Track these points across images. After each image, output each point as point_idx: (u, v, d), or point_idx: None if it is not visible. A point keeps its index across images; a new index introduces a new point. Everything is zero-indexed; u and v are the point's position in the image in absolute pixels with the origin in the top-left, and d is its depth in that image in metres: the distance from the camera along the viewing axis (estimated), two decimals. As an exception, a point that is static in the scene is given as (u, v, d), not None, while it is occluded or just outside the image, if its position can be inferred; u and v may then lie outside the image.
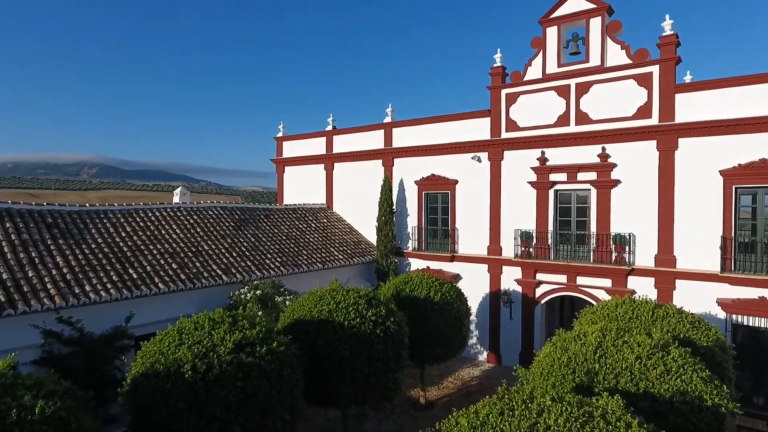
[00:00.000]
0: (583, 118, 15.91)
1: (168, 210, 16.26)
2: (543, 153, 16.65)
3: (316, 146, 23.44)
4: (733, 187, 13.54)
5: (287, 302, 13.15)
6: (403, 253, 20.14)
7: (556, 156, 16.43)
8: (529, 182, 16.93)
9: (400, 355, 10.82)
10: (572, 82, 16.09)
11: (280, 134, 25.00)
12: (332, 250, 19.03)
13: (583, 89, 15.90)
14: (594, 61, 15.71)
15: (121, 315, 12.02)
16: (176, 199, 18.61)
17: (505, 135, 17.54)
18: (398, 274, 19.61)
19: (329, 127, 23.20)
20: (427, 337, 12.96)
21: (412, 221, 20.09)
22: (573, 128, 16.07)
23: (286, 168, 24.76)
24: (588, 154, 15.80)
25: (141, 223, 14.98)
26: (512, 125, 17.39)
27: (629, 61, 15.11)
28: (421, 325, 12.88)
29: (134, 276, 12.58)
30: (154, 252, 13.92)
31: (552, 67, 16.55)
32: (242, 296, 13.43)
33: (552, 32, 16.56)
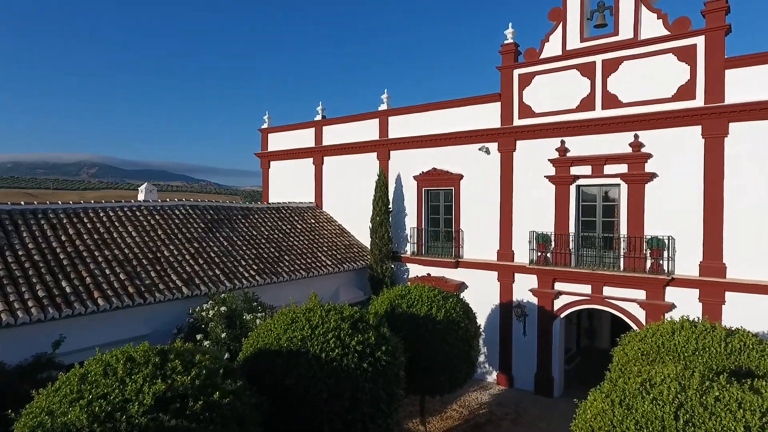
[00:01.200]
0: (611, 100, 13.52)
1: (125, 209, 13.88)
2: (563, 142, 14.27)
3: (304, 138, 21.06)
4: (799, 180, 11.18)
5: (258, 321, 10.78)
6: (400, 257, 17.77)
7: (579, 146, 14.05)
8: (547, 177, 14.54)
9: (394, 393, 8.45)
10: (598, 58, 13.71)
11: (265, 125, 22.61)
12: (319, 254, 16.65)
13: (611, 67, 13.52)
14: (625, 33, 13.32)
15: (49, 339, 9.65)
16: (141, 197, 16.25)
17: (517, 122, 15.15)
18: (395, 281, 17.29)
19: (318, 117, 20.80)
20: (429, 363, 10.59)
21: (410, 222, 17.71)
22: (599, 113, 13.69)
23: (272, 163, 22.38)
24: (617, 143, 13.42)
25: (89, 225, 12.61)
26: (526, 111, 15.01)
27: (667, 33, 12.73)
28: (421, 349, 10.51)
29: (67, 290, 10.21)
30: (99, 259, 11.55)
31: (574, 42, 14.17)
32: (204, 314, 11.07)
33: (574, 1, 14.17)
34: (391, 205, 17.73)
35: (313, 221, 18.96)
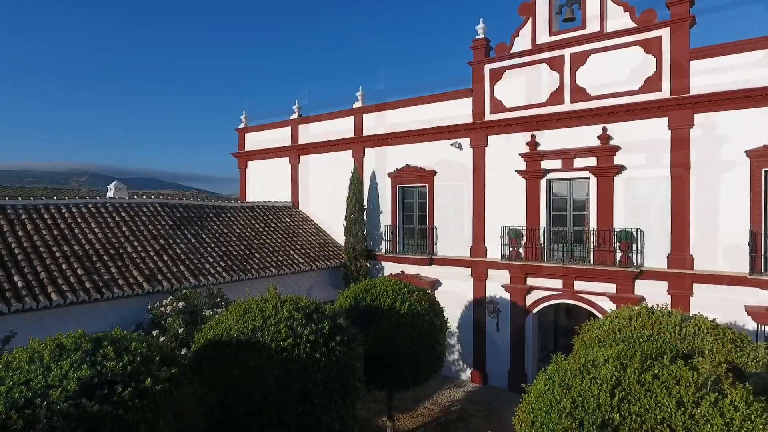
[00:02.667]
0: (579, 93, 13.51)
1: (89, 206, 13.60)
2: (533, 137, 14.22)
3: (280, 137, 20.89)
4: (763, 170, 11.17)
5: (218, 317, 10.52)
6: (375, 255, 17.59)
7: (549, 140, 14.01)
8: (518, 171, 14.48)
9: (350, 386, 8.25)
10: (566, 52, 13.70)
11: (242, 125, 22.42)
12: (292, 253, 16.44)
13: (579, 60, 13.52)
14: (592, 26, 13.34)
15: (-1, 335, 9.37)
16: (110, 194, 15.97)
17: (489, 117, 15.10)
18: (369, 278, 17.08)
19: (295, 116, 20.65)
20: (393, 357, 10.40)
21: (385, 220, 17.56)
22: (568, 106, 13.67)
23: (249, 163, 22.18)
24: (586, 136, 13.39)
25: (49, 221, 12.32)
26: (497, 105, 14.96)
27: (634, 25, 12.76)
28: (385, 343, 10.32)
29: (19, 285, 9.92)
30: (57, 255, 11.26)
31: (543, 37, 14.17)
32: (163, 309, 10.81)
33: (542, -4, 14.19)
34: (366, 203, 17.58)
35: (288, 220, 18.75)
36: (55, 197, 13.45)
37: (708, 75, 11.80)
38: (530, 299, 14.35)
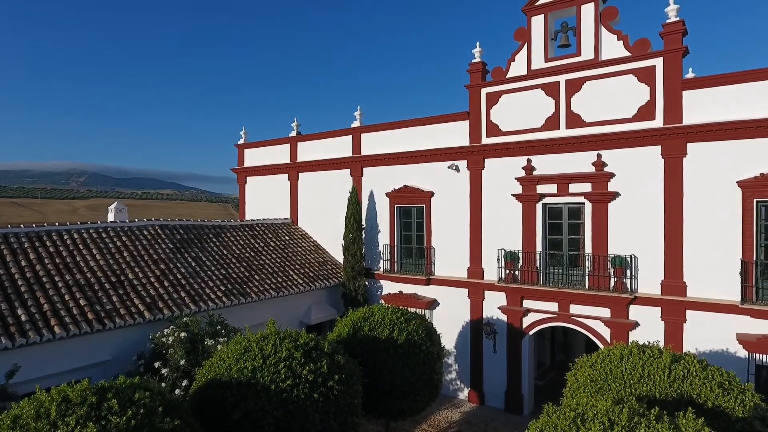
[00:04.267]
0: (574, 120, 13.70)
1: (90, 231, 13.78)
2: (529, 161, 14.40)
3: (279, 154, 21.06)
4: (754, 201, 11.36)
5: (219, 347, 10.71)
6: (373, 274, 17.77)
7: (545, 164, 14.19)
8: (514, 195, 14.66)
9: (347, 423, 8.45)
10: (562, 78, 13.89)
11: (241, 141, 22.59)
12: (291, 273, 16.61)
13: (574, 87, 13.70)
14: (587, 54, 13.52)
15: (3, 369, 9.52)
16: (110, 217, 16.13)
17: (485, 140, 15.28)
18: (368, 298, 17.32)
19: (293, 133, 20.84)
20: (390, 388, 10.58)
21: (383, 239, 17.74)
22: (563, 132, 13.85)
23: (248, 178, 22.35)
24: (581, 162, 13.58)
25: (51, 249, 12.49)
26: (494, 129, 15.14)
27: (628, 54, 12.94)
28: (383, 373, 10.51)
29: (23, 318, 10.09)
30: (60, 285, 11.43)
31: (538, 62, 14.35)
32: (164, 339, 10.98)
33: (538, 22, 14.37)
34: (364, 222, 17.76)
35: (287, 238, 18.93)
36: (57, 223, 13.60)
37: (701, 105, 11.99)
38: (527, 321, 14.53)
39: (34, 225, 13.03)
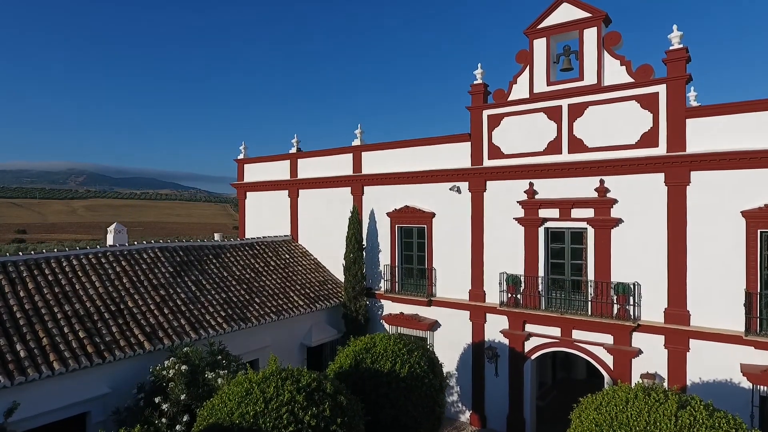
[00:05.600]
0: (577, 145, 13.62)
1: (89, 256, 13.67)
2: (531, 185, 14.32)
3: (279, 170, 20.97)
4: (759, 231, 11.29)
5: (219, 380, 10.62)
6: (374, 294, 17.69)
7: (547, 188, 14.11)
8: (516, 218, 14.58)
9: (350, 465, 8.37)
10: (564, 102, 13.81)
11: (241, 156, 22.49)
12: (292, 294, 16.52)
13: (576, 111, 13.62)
14: (589, 78, 13.44)
15: (1, 407, 9.43)
16: (110, 240, 16.02)
17: (487, 163, 15.20)
18: (369, 318, 17.25)
19: (293, 150, 20.75)
20: (393, 422, 10.50)
21: (384, 258, 17.65)
22: (566, 157, 13.77)
23: (248, 194, 22.25)
24: (583, 187, 13.51)
25: (50, 277, 12.39)
26: (495, 152, 15.06)
27: (630, 80, 12.86)
28: (386, 408, 10.43)
29: (21, 354, 9.99)
30: (59, 316, 11.33)
31: (540, 86, 14.26)
32: (165, 372, 10.88)
33: (540, 45, 14.29)
34: (365, 241, 17.69)
35: (287, 256, 18.83)
36: (56, 249, 13.49)
37: (705, 134, 11.92)
38: (529, 345, 14.46)
39: (32, 252, 12.92)
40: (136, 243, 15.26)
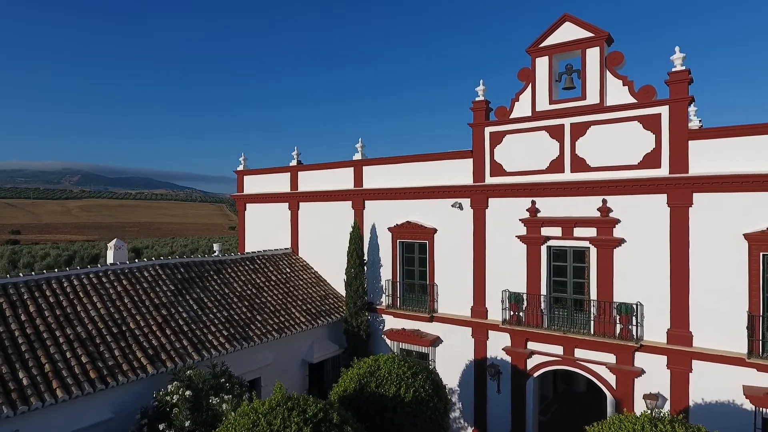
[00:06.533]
0: (579, 164, 13.64)
1: (90, 276, 13.59)
2: (533, 203, 14.34)
3: (279, 183, 20.91)
4: (761, 254, 11.34)
5: (224, 405, 10.58)
6: (376, 308, 17.67)
7: (549, 206, 14.13)
8: (518, 236, 14.60)
9: (357, 499, 8.36)
10: (567, 121, 13.83)
11: (240, 167, 22.42)
12: (293, 310, 16.48)
13: (579, 131, 13.64)
14: (591, 98, 13.47)
15: (4, 436, 9.39)
16: (110, 258, 15.94)
17: (489, 180, 15.20)
18: (370, 333, 17.25)
19: (293, 162, 20.71)
20: (397, 447, 10.50)
21: (386, 273, 17.63)
22: (568, 176, 13.79)
23: (248, 205, 22.18)
24: (586, 206, 13.53)
25: (51, 299, 12.31)
26: (497, 169, 15.07)
27: (633, 100, 12.90)
28: (391, 432, 10.43)
29: (24, 382, 9.91)
30: (61, 340, 11.26)
31: (543, 104, 14.28)
32: (168, 398, 10.82)
33: (542, 63, 14.30)
34: (366, 256, 17.66)
35: (288, 270, 18.78)
36: (56, 269, 13.41)
37: (708, 156, 11.97)
38: (531, 363, 14.48)
39: (33, 273, 12.83)
40: (137, 261, 15.17)
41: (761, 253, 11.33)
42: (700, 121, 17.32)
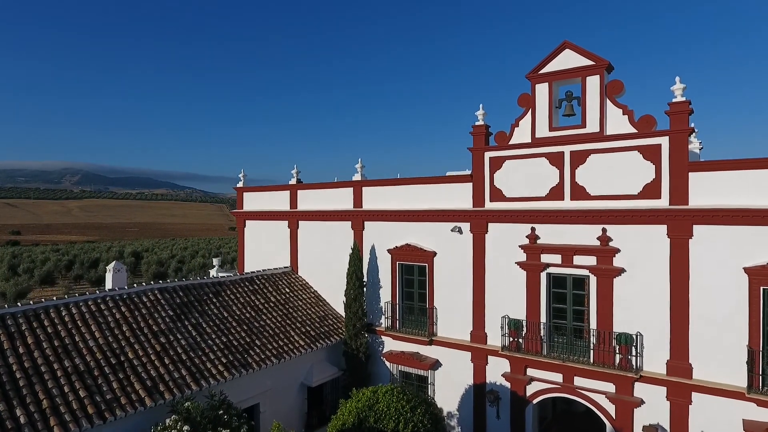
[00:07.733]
0: (579, 192, 13.61)
1: (89, 302, 13.56)
2: (533, 229, 14.31)
3: (279, 201, 20.88)
4: (761, 288, 11.30)
5: (223, 440, 10.55)
6: (375, 330, 17.64)
7: (549, 233, 14.10)
8: (518, 262, 14.57)
9: None
10: (566, 149, 13.79)
11: (240, 184, 22.40)
12: (292, 333, 16.45)
13: (579, 159, 13.61)
14: (591, 126, 13.43)
15: (2, 476, 9.36)
16: (109, 282, 15.91)
17: (489, 205, 15.17)
18: (369, 355, 17.23)
19: (293, 180, 20.68)
20: (396, 483, 10.48)
21: (385, 294, 17.60)
22: (568, 204, 13.76)
23: (248, 222, 22.16)
24: (586, 234, 13.50)
25: (50, 329, 12.28)
26: (497, 194, 15.04)
27: (633, 130, 12.86)
28: (388, 469, 10.41)
29: (22, 420, 9.88)
30: (59, 374, 11.23)
31: (542, 130, 14.24)
32: (166, 432, 10.80)
33: (542, 90, 14.27)
34: (365, 277, 17.63)
35: (287, 290, 18.75)
36: (54, 297, 13.38)
37: (709, 188, 11.93)
38: (530, 389, 14.45)
39: (31, 302, 12.81)
40: (135, 285, 15.14)
41: (761, 287, 11.29)
42: (700, 143, 17.27)
